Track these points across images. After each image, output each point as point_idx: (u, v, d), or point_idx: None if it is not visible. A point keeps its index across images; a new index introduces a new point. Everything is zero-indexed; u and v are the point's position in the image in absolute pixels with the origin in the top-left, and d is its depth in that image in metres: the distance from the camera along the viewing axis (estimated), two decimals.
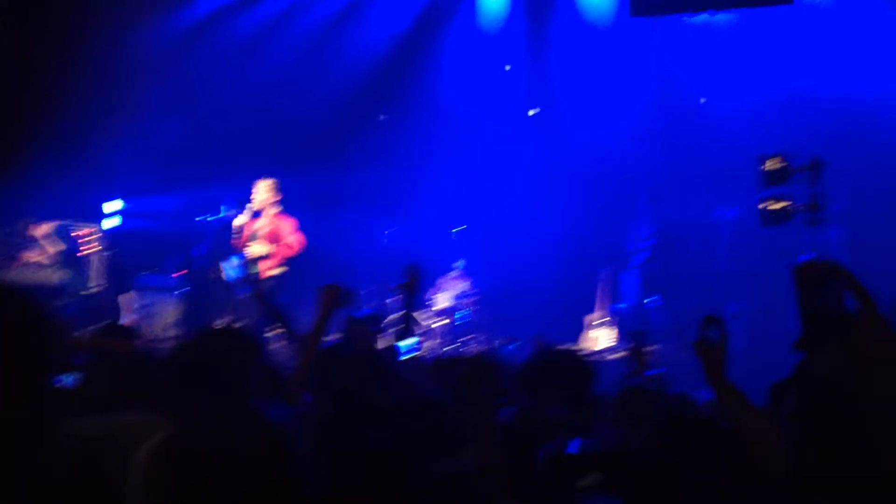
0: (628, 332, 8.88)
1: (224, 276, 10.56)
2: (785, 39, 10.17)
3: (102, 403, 2.75)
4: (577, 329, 10.78)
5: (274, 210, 9.14)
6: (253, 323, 7.74)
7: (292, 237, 9.08)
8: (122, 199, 11.17)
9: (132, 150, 10.86)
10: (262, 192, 9.08)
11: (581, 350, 10.58)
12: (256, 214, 9.12)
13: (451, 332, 10.84)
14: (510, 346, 9.27)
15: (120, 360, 3.03)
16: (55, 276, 9.20)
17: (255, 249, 8.94)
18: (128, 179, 11.16)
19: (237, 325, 7.32)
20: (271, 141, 11.71)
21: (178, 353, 2.87)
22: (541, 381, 3.42)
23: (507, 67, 12.36)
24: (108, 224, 10.84)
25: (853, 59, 9.87)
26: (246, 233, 8.99)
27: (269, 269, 8.91)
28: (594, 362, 3.74)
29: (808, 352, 2.71)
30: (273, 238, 8.97)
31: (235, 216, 9.10)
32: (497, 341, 10.25)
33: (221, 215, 9.26)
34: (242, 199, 9.06)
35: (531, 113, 12.55)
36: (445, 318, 10.96)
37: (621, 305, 10.88)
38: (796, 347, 2.77)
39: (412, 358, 3.97)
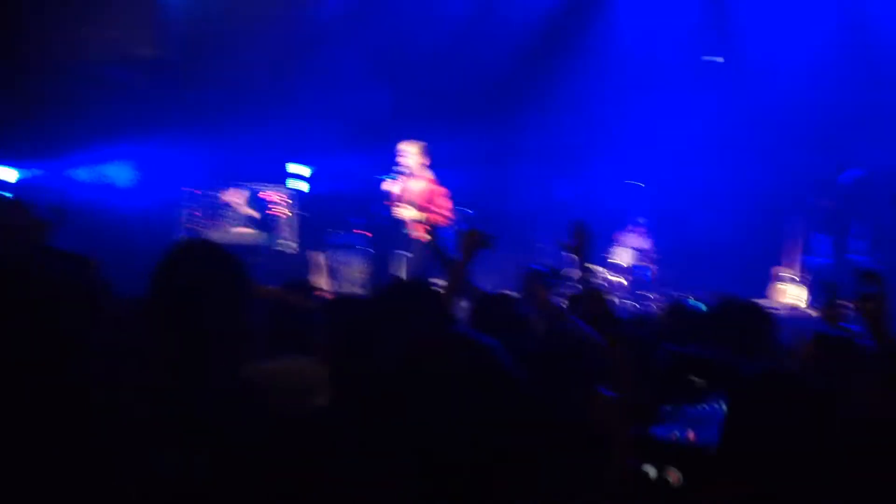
0: (822, 285, 8.49)
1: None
2: None
3: (278, 347, 3.12)
4: (765, 283, 10.40)
5: (427, 174, 9.04)
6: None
7: (446, 204, 8.99)
8: (309, 164, 11.61)
9: (316, 113, 11.27)
10: (412, 155, 8.98)
11: (768, 304, 10.23)
12: (408, 177, 9.04)
13: (631, 289, 10.68)
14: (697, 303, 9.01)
15: (297, 310, 3.33)
16: (249, 237, 9.74)
17: (408, 213, 8.92)
18: (313, 142, 11.59)
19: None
20: (445, 99, 11.81)
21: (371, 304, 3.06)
22: (722, 329, 3.38)
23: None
24: (296, 186, 11.33)
25: None
26: (400, 196, 8.97)
27: (422, 235, 8.77)
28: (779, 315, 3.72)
29: None
30: (427, 204, 8.89)
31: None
32: (682, 297, 10.00)
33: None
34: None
35: (715, 59, 12.08)
36: (625, 275, 10.80)
37: (814, 259, 10.37)
38: None
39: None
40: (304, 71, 11.36)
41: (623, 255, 10.94)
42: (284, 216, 10.79)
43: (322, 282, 10.26)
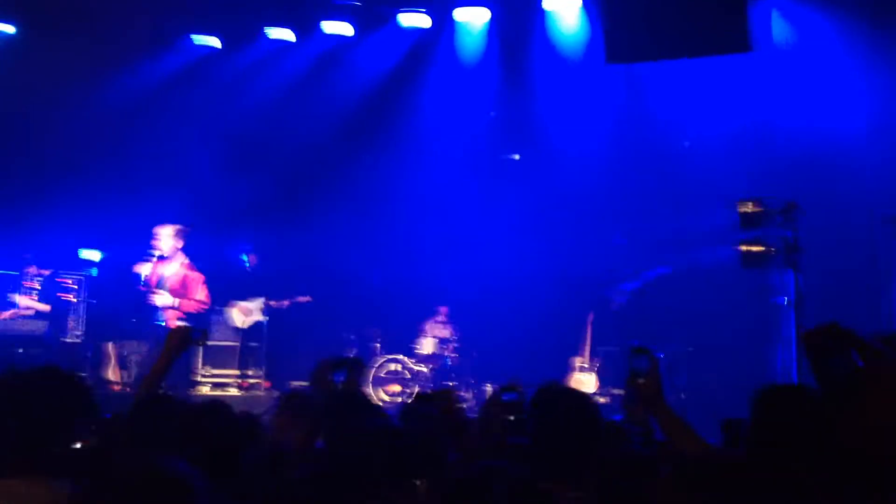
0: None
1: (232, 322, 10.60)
2: (755, 82, 10.27)
3: None
4: (563, 371, 10.78)
5: (183, 260, 8.81)
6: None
7: (201, 293, 8.75)
8: (101, 249, 11.13)
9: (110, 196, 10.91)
10: (166, 238, 8.73)
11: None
12: (162, 259, 8.76)
13: (434, 378, 10.81)
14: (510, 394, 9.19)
15: None
16: (31, 326, 9.10)
17: (161, 299, 8.57)
18: (105, 225, 11.14)
19: None
20: (254, 184, 11.74)
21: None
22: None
23: (492, 114, 12.43)
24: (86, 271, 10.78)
25: (820, 101, 9.97)
26: (152, 281, 8.64)
27: (175, 321, 8.43)
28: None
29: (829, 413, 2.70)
30: (180, 290, 8.63)
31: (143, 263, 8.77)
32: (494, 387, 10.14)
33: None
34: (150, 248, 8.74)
35: (515, 157, 12.66)
36: (427, 364, 10.95)
37: (607, 348, 10.88)
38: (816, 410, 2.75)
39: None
40: (98, 152, 11.03)
41: (426, 345, 11.09)
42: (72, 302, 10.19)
43: (111, 374, 9.77)
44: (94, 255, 10.99)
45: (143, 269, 8.55)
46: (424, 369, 10.87)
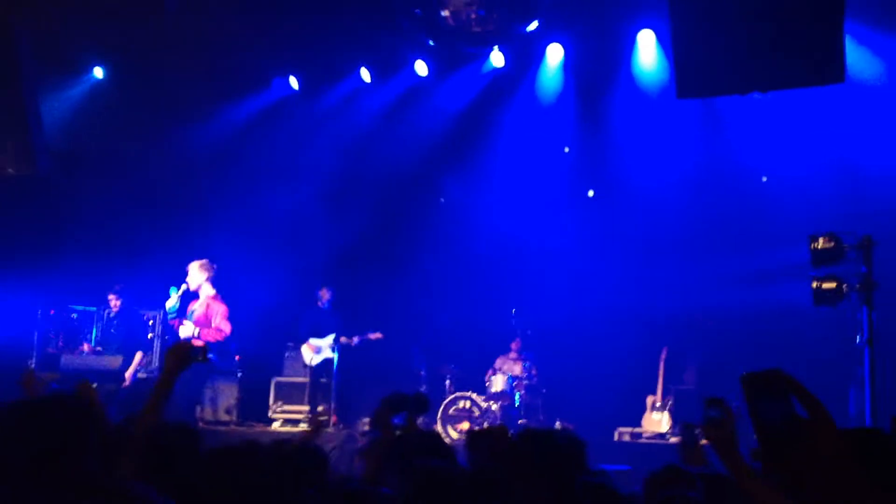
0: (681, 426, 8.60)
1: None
2: (837, 116, 9.98)
3: None
4: (639, 410, 10.58)
5: (210, 292, 9.05)
6: None
7: (223, 324, 8.96)
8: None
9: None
10: (195, 272, 8.98)
11: (644, 432, 10.36)
12: (194, 295, 9.03)
13: (504, 415, 10.72)
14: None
15: None
16: (108, 362, 9.38)
17: (184, 330, 8.83)
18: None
19: None
20: (329, 220, 11.97)
21: None
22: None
23: (566, 149, 12.39)
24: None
25: None
26: (181, 312, 8.95)
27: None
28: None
29: (764, 461, 2.71)
30: (204, 321, 8.88)
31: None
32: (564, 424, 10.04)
33: None
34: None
35: (590, 194, 12.56)
36: (499, 401, 10.85)
37: (680, 387, 10.62)
38: (754, 457, 2.75)
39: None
40: (182, 191, 11.44)
41: (497, 382, 11.01)
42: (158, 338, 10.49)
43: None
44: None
45: (172, 304, 8.80)
46: (494, 406, 10.79)
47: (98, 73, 11.42)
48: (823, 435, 1.88)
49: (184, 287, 8.83)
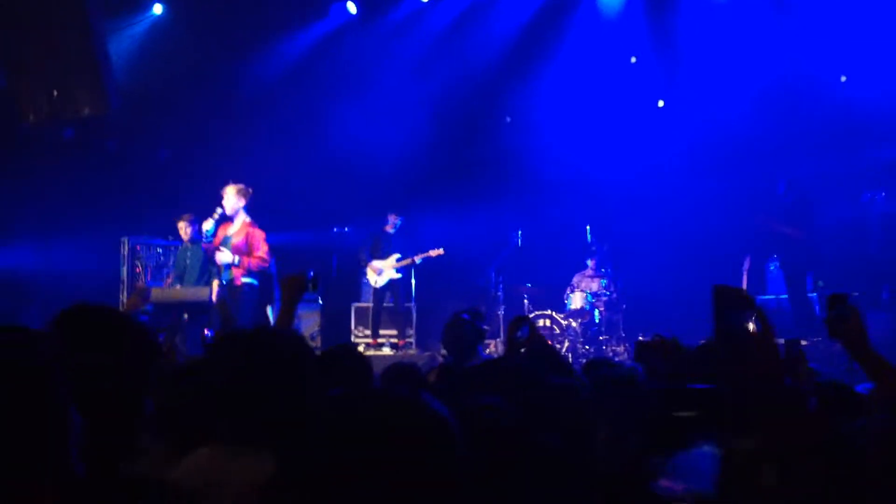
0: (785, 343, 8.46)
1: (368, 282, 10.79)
2: None
3: None
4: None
5: (245, 218, 8.77)
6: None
7: (263, 249, 8.71)
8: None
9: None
10: (231, 195, 8.68)
11: None
12: (227, 219, 8.73)
13: (584, 332, 10.71)
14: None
15: None
16: (196, 293, 9.44)
17: (223, 257, 8.55)
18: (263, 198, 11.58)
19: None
20: (396, 143, 11.90)
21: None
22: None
23: (633, 59, 12.11)
24: None
25: None
26: (217, 239, 8.62)
27: (239, 279, 8.49)
28: None
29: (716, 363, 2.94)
30: (244, 248, 8.61)
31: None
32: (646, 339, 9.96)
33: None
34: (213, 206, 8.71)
35: (660, 104, 12.30)
36: (579, 319, 10.83)
37: (767, 297, 10.48)
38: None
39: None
40: (247, 124, 11.43)
41: (576, 299, 10.97)
42: None
43: None
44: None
45: (208, 227, 8.57)
46: (574, 324, 10.77)
47: (157, 9, 11.35)
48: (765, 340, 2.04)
49: (219, 211, 8.59)
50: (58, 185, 10.55)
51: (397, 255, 10.86)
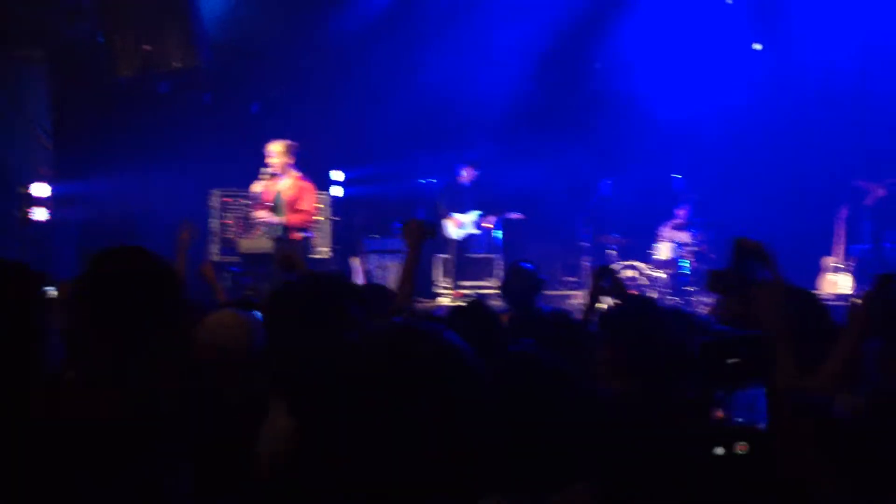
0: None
1: (447, 234, 10.90)
2: None
3: None
4: (814, 273, 10.17)
5: (295, 174, 8.64)
6: None
7: (310, 203, 8.63)
8: (344, 170, 11.68)
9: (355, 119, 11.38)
10: (277, 154, 8.53)
11: (821, 294, 10.00)
12: (276, 176, 8.56)
13: (672, 283, 10.54)
14: None
15: None
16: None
17: (278, 214, 8.49)
18: (351, 149, 11.70)
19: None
20: (481, 105, 11.80)
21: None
22: None
23: (729, 1, 11.67)
24: (334, 192, 11.34)
25: None
26: (267, 197, 8.56)
27: (295, 234, 8.45)
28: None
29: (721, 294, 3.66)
30: (296, 203, 8.52)
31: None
32: None
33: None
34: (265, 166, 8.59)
35: (756, 47, 11.85)
36: (666, 269, 10.66)
37: (861, 246, 10.11)
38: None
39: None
40: (340, 79, 11.47)
41: (664, 250, 10.79)
42: (323, 220, 10.73)
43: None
44: (338, 175, 11.61)
45: (257, 187, 8.60)
46: (662, 275, 10.60)
47: None
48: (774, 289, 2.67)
49: (268, 171, 8.56)
50: (155, 135, 10.83)
51: (478, 212, 10.91)
